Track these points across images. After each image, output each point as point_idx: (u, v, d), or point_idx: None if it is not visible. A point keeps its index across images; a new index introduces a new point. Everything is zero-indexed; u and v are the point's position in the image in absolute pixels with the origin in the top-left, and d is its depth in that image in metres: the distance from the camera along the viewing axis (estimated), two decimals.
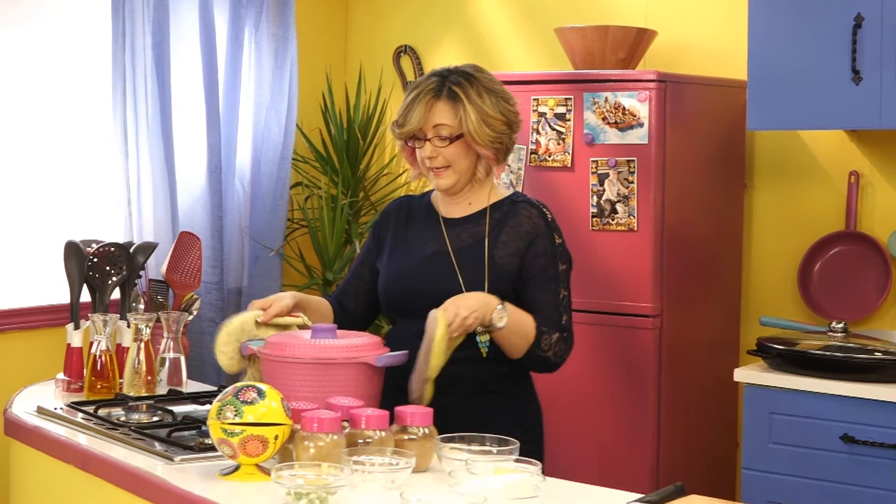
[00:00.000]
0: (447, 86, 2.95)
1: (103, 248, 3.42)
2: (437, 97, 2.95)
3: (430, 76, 3.01)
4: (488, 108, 2.94)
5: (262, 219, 5.04)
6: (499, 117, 2.96)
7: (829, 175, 4.35)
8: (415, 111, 2.95)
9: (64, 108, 4.63)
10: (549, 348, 2.94)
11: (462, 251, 3.00)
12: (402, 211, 3.15)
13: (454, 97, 2.94)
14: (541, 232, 2.99)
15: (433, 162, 2.97)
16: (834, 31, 3.86)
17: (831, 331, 3.93)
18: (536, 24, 5.01)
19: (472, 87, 2.95)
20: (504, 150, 3.01)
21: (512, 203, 3.04)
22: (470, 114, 2.92)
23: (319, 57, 5.48)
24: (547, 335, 2.93)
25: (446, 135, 2.94)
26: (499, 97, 2.98)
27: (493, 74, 3.05)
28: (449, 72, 3.00)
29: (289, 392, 2.61)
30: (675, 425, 4.16)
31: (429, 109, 2.95)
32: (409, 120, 2.96)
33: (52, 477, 2.92)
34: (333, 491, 2.29)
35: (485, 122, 2.93)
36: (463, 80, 2.97)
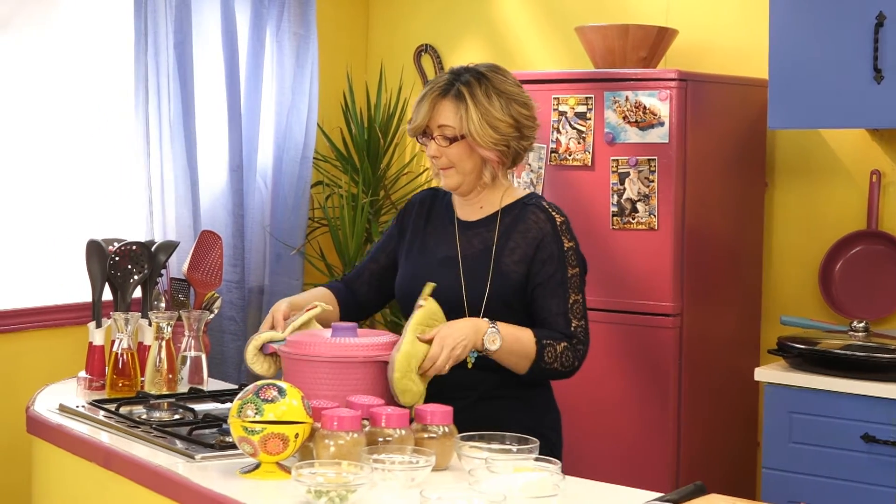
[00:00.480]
0: (456, 85, 2.92)
1: (125, 246, 3.43)
2: (443, 96, 2.92)
3: (445, 74, 2.98)
4: (494, 110, 2.89)
5: (283, 217, 5.06)
6: (506, 120, 2.90)
7: (850, 174, 4.34)
8: (422, 108, 2.93)
9: (87, 107, 4.65)
10: (553, 360, 2.89)
11: (470, 257, 2.97)
12: (425, 206, 3.13)
13: (459, 97, 2.90)
14: (547, 236, 2.94)
15: (438, 161, 2.95)
16: (855, 30, 3.85)
17: (852, 330, 3.91)
18: (557, 23, 5.01)
19: (481, 88, 2.91)
20: (511, 153, 2.95)
21: (523, 206, 2.99)
22: (472, 115, 2.88)
23: (340, 56, 5.49)
24: (551, 347, 2.88)
25: (449, 135, 2.91)
26: (511, 99, 2.92)
27: (512, 76, 3.00)
28: (464, 70, 2.96)
29: (309, 390, 2.62)
30: (695, 424, 4.16)
31: (433, 108, 2.92)
32: (417, 117, 2.95)
33: (73, 474, 2.93)
34: (353, 489, 2.29)
35: (488, 123, 2.88)
36: (473, 79, 2.92)
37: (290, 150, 5.05)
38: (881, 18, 3.80)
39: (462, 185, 2.97)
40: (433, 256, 3.02)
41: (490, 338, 2.81)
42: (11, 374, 4.35)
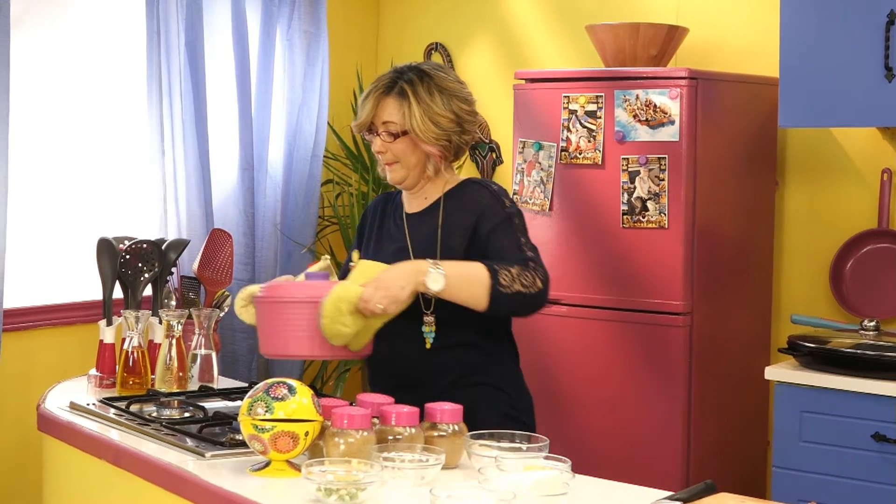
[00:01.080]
0: (399, 83, 3.00)
1: (135, 245, 3.44)
2: (386, 94, 3.01)
3: (389, 73, 3.07)
4: (435, 106, 2.98)
5: (293, 216, 5.06)
6: (447, 115, 2.99)
7: (861, 173, 4.33)
8: (366, 106, 3.02)
9: (98, 106, 4.66)
10: (511, 281, 2.86)
11: (419, 246, 3.04)
12: (379, 210, 3.21)
13: (402, 94, 2.99)
14: (486, 201, 3.01)
15: (383, 157, 3.04)
16: (866, 29, 3.84)
17: (863, 329, 3.91)
18: (567, 21, 5.01)
19: (423, 85, 2.99)
20: (453, 147, 3.04)
21: (462, 187, 3.08)
22: (414, 111, 2.97)
23: (351, 54, 5.49)
24: (505, 270, 2.85)
25: (392, 131, 3.00)
26: (452, 95, 3.01)
27: (454, 73, 3.09)
28: (407, 68, 3.05)
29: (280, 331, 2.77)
30: (705, 423, 4.16)
31: (377, 105, 3.01)
32: (360, 114, 3.04)
33: (84, 472, 2.94)
34: (363, 487, 2.30)
35: (430, 119, 2.98)
36: (416, 77, 3.01)
37: (301, 149, 5.06)
38: (892, 17, 3.79)
39: (407, 178, 3.06)
40: (386, 252, 3.08)
41: (432, 277, 2.80)
42: (23, 372, 4.36)
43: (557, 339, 4.32)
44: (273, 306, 2.85)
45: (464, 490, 2.27)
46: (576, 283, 4.28)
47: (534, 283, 2.89)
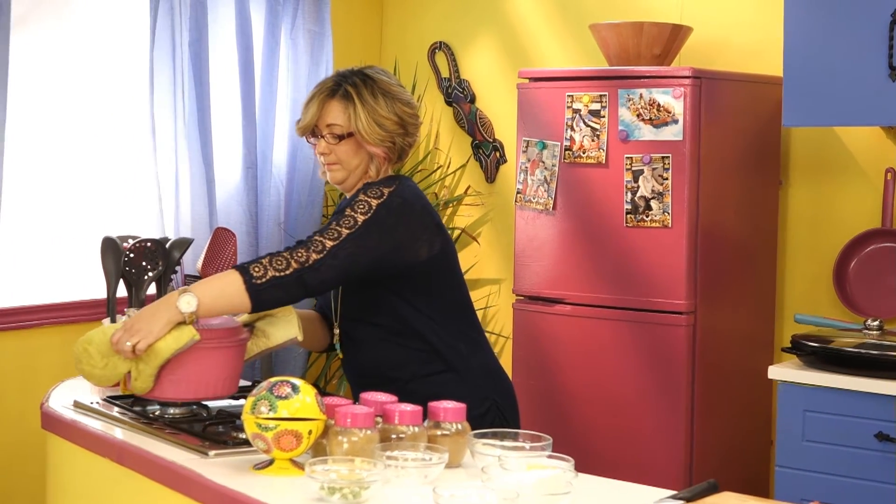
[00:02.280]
0: (343, 86, 3.04)
1: (140, 243, 3.44)
2: (330, 96, 3.05)
3: (333, 77, 3.11)
4: (380, 109, 3.02)
5: (297, 214, 5.07)
6: (391, 118, 3.04)
7: (865, 172, 4.33)
8: (310, 108, 3.06)
9: (102, 105, 4.67)
10: (263, 272, 2.80)
11: None
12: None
13: (346, 97, 3.02)
14: (355, 196, 2.99)
15: (326, 158, 3.07)
16: (870, 28, 3.84)
17: (866, 328, 3.91)
18: (571, 20, 5.01)
19: (367, 88, 3.03)
20: (397, 150, 3.09)
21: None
22: (360, 113, 3.01)
23: (355, 53, 5.49)
24: (256, 264, 2.80)
25: (337, 132, 3.03)
26: (395, 99, 3.06)
27: (394, 77, 3.13)
28: (350, 73, 3.09)
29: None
30: (708, 422, 4.16)
31: (322, 108, 3.05)
32: (305, 116, 3.08)
33: (88, 470, 2.94)
34: (367, 486, 2.30)
35: (375, 121, 3.02)
36: (359, 80, 3.05)
37: (305, 147, 5.06)
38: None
39: (347, 179, 3.09)
40: None
41: (184, 301, 2.74)
42: (27, 371, 4.37)
43: (560, 338, 4.32)
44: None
45: (467, 489, 2.27)
46: (579, 283, 4.28)
47: (288, 265, 2.82)
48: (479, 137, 5.32)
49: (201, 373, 2.84)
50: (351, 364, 3.16)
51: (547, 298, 4.33)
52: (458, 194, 5.38)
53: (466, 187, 5.37)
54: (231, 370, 2.90)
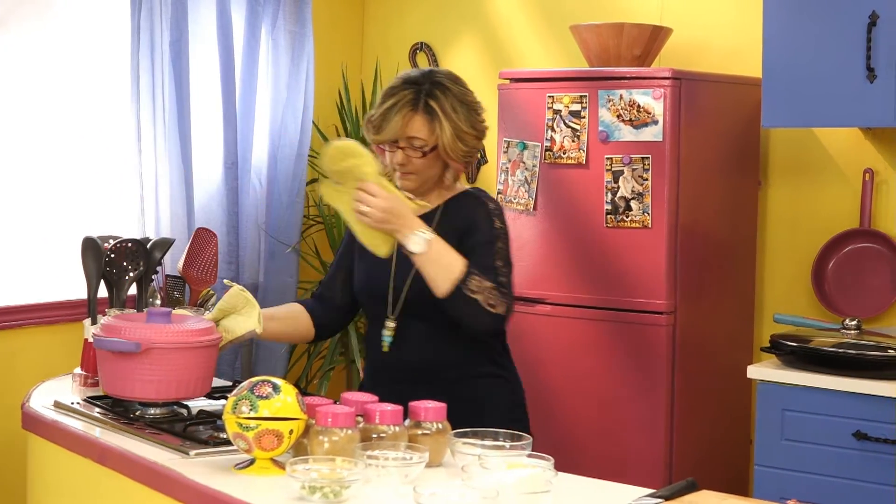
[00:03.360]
0: (423, 99, 3.00)
1: (121, 243, 3.44)
2: (413, 110, 3.00)
3: (404, 84, 3.04)
4: (462, 124, 3.00)
5: (278, 215, 5.06)
6: (471, 132, 3.03)
7: (843, 173, 4.35)
8: (391, 121, 3.01)
9: (82, 105, 4.66)
10: (478, 291, 2.90)
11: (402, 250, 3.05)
12: None
13: (430, 112, 2.99)
14: (478, 217, 3.04)
15: (402, 168, 3.04)
16: (848, 29, 3.87)
17: (844, 328, 3.93)
18: (552, 21, 5.02)
19: (447, 101, 3.00)
20: (473, 160, 3.10)
21: (460, 198, 3.11)
22: (446, 130, 2.98)
23: (336, 54, 5.50)
24: (479, 279, 2.90)
25: (419, 146, 3.01)
26: (470, 109, 3.04)
27: (461, 81, 3.09)
28: (423, 79, 3.04)
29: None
30: (688, 422, 4.17)
31: (406, 123, 3.00)
32: (386, 129, 3.02)
33: (68, 470, 2.94)
34: (347, 485, 2.31)
35: (459, 137, 3.00)
36: (438, 92, 3.01)
37: (286, 148, 5.06)
38: (874, 18, 3.81)
39: (420, 187, 3.08)
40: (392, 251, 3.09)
41: (415, 239, 2.88)
42: (7, 371, 4.36)
43: (541, 338, 4.33)
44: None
45: (447, 488, 2.28)
46: (559, 283, 4.29)
47: (496, 305, 2.94)
48: None
49: (180, 372, 2.85)
50: (393, 360, 3.09)
51: (528, 298, 4.34)
52: None
53: None
54: (208, 369, 2.92)
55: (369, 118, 3.07)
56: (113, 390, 2.91)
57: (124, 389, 2.87)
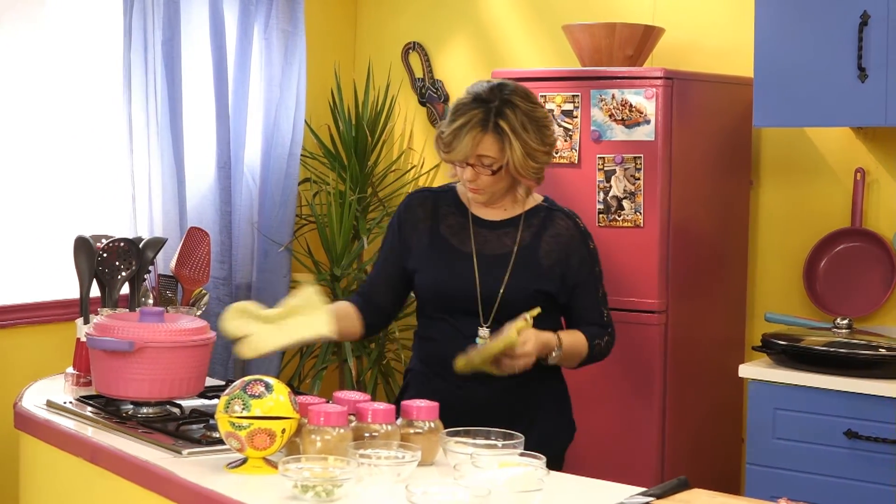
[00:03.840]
0: (493, 119, 2.98)
1: (113, 243, 3.44)
2: (484, 130, 2.99)
3: (473, 103, 3.02)
4: (532, 142, 3.00)
5: (270, 214, 5.06)
6: (542, 149, 3.02)
7: (835, 172, 4.36)
8: (462, 142, 3.00)
9: (75, 104, 4.66)
10: (599, 350, 3.17)
11: (488, 255, 3.10)
12: (427, 207, 3.20)
13: (500, 132, 2.98)
14: (577, 240, 3.15)
15: (472, 184, 3.05)
16: (840, 29, 3.88)
17: (836, 327, 3.94)
18: (544, 21, 5.03)
19: (517, 119, 2.99)
20: (544, 174, 3.11)
21: (547, 211, 3.16)
22: (516, 150, 2.98)
23: (328, 53, 5.50)
24: (598, 342, 3.16)
25: (488, 164, 3.01)
26: (540, 125, 3.02)
27: (532, 96, 3.07)
28: (493, 95, 3.01)
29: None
30: (680, 420, 4.18)
31: (476, 143, 2.99)
32: (456, 149, 3.01)
33: (61, 470, 2.94)
34: (340, 484, 2.31)
35: (529, 156, 3.00)
36: (508, 111, 2.99)
37: (278, 147, 5.06)
38: (865, 17, 3.82)
39: (491, 198, 3.12)
40: (456, 253, 3.12)
41: (554, 356, 3.05)
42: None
43: None
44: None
45: (439, 486, 2.28)
46: None
47: (608, 350, 3.23)
48: None
49: (173, 371, 2.85)
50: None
51: None
52: None
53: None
54: (200, 369, 2.93)
55: (439, 135, 3.06)
56: (106, 389, 2.92)
57: (117, 389, 2.87)
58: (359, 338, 3.35)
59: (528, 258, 3.10)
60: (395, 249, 3.21)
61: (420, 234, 3.17)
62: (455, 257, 3.11)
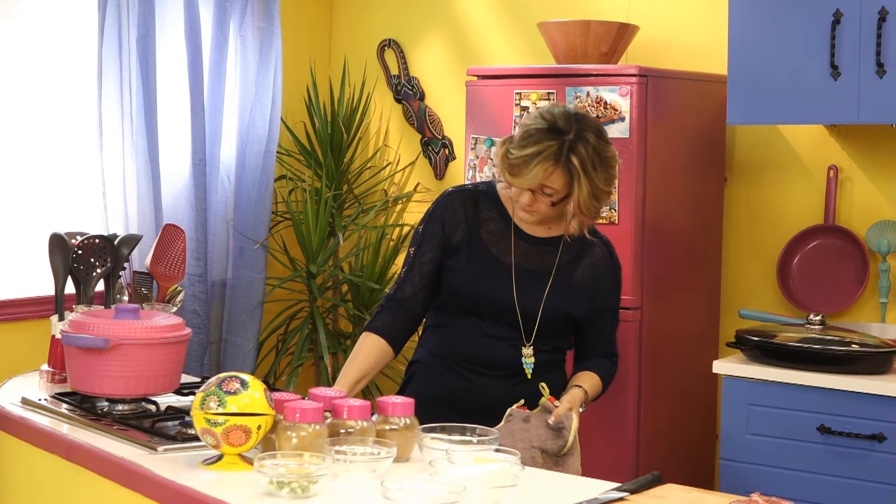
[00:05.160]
0: (566, 154, 2.93)
1: (88, 240, 3.44)
2: (555, 164, 2.93)
3: (548, 132, 2.95)
4: (600, 182, 2.96)
5: (246, 211, 5.06)
6: (606, 189, 2.99)
7: (808, 169, 4.39)
8: (531, 171, 2.94)
9: (49, 101, 4.64)
10: (610, 380, 3.27)
11: (527, 269, 3.09)
12: (468, 209, 3.15)
13: (571, 168, 2.93)
14: (609, 270, 3.18)
15: (528, 208, 3.02)
16: (813, 27, 3.90)
17: (809, 323, 3.96)
18: (519, 18, 5.04)
19: (588, 157, 2.94)
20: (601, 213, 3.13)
21: (587, 237, 3.13)
22: (583, 189, 2.94)
23: (304, 50, 5.49)
24: (608, 375, 3.25)
25: (550, 194, 2.98)
26: (608, 166, 2.98)
27: (605, 132, 3.03)
28: (568, 126, 2.96)
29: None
30: (654, 416, 4.20)
31: (546, 176, 2.94)
32: (523, 177, 2.96)
33: (36, 467, 2.93)
34: (315, 480, 2.32)
35: (594, 196, 2.96)
36: (581, 147, 2.94)
37: (254, 144, 5.06)
38: (838, 16, 3.85)
39: (540, 221, 3.11)
40: (494, 262, 3.10)
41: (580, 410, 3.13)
42: None
43: None
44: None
45: (415, 482, 2.29)
46: None
47: (614, 378, 3.30)
48: (428, 134, 5.35)
49: (148, 368, 2.85)
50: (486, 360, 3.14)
51: None
52: (407, 191, 5.40)
53: (416, 184, 5.39)
54: (176, 365, 2.93)
55: (505, 155, 2.97)
56: (81, 386, 2.91)
57: (92, 385, 2.87)
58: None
59: (564, 281, 3.10)
60: (440, 246, 3.14)
61: (461, 234, 3.13)
62: (495, 267, 3.09)
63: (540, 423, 2.97)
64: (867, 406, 3.62)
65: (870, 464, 3.62)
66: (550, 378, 3.12)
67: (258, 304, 5.04)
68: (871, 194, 4.26)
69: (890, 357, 3.74)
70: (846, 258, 4.26)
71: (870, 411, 3.61)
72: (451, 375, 3.11)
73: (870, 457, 3.62)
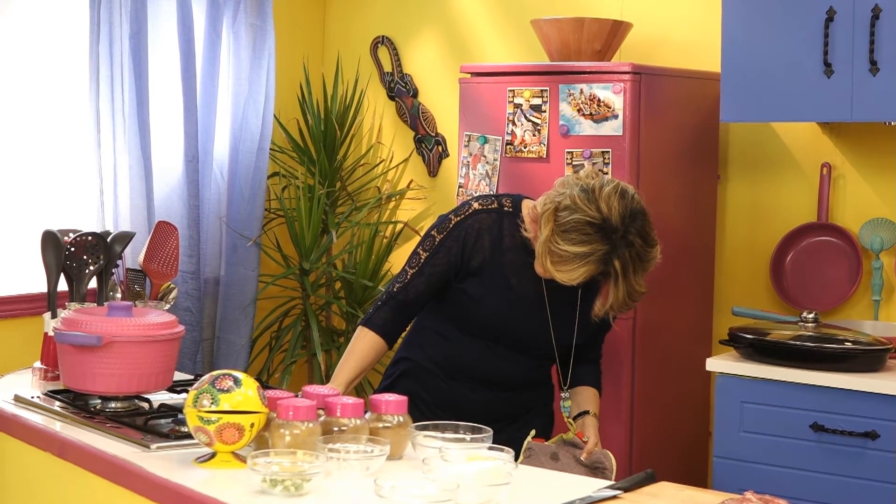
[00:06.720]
0: (612, 259, 2.90)
1: (81, 237, 3.43)
2: (599, 268, 2.91)
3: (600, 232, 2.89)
4: (637, 286, 2.96)
5: (239, 208, 5.06)
6: (641, 290, 2.98)
7: (801, 167, 4.39)
8: (575, 271, 2.91)
9: (41, 97, 4.63)
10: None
11: (556, 305, 3.12)
12: (493, 234, 3.13)
13: (612, 271, 2.91)
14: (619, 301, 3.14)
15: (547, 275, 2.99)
16: (806, 25, 3.90)
17: (802, 321, 3.96)
18: (513, 15, 5.04)
19: (631, 261, 2.92)
20: None
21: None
22: (620, 291, 2.94)
23: (297, 47, 5.49)
24: (600, 380, 3.38)
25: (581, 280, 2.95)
26: (647, 267, 2.97)
27: (653, 233, 3.00)
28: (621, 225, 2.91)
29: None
30: (648, 414, 4.20)
31: (588, 276, 2.93)
32: (566, 273, 2.92)
33: (28, 465, 2.93)
34: (308, 478, 2.31)
35: (630, 296, 2.96)
36: (625, 251, 2.91)
37: (247, 141, 5.05)
38: (831, 13, 3.85)
39: None
40: (521, 296, 3.12)
41: None
42: None
43: None
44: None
45: (408, 480, 2.29)
46: None
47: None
48: (421, 132, 5.34)
49: (141, 366, 2.85)
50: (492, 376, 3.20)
51: None
52: (400, 188, 5.40)
53: (409, 181, 5.38)
54: (169, 363, 2.92)
55: (552, 240, 2.90)
56: (74, 384, 2.91)
57: (85, 383, 2.87)
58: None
59: (586, 314, 3.11)
60: (454, 265, 3.13)
61: (480, 260, 3.12)
62: (512, 296, 3.10)
63: (570, 459, 2.98)
64: (860, 404, 3.62)
65: (863, 461, 3.62)
66: (539, 391, 3.26)
67: (251, 302, 5.03)
68: (865, 192, 4.27)
69: (883, 355, 3.74)
70: (839, 256, 4.26)
71: (863, 409, 3.61)
72: (455, 385, 3.16)
73: (863, 454, 3.62)
